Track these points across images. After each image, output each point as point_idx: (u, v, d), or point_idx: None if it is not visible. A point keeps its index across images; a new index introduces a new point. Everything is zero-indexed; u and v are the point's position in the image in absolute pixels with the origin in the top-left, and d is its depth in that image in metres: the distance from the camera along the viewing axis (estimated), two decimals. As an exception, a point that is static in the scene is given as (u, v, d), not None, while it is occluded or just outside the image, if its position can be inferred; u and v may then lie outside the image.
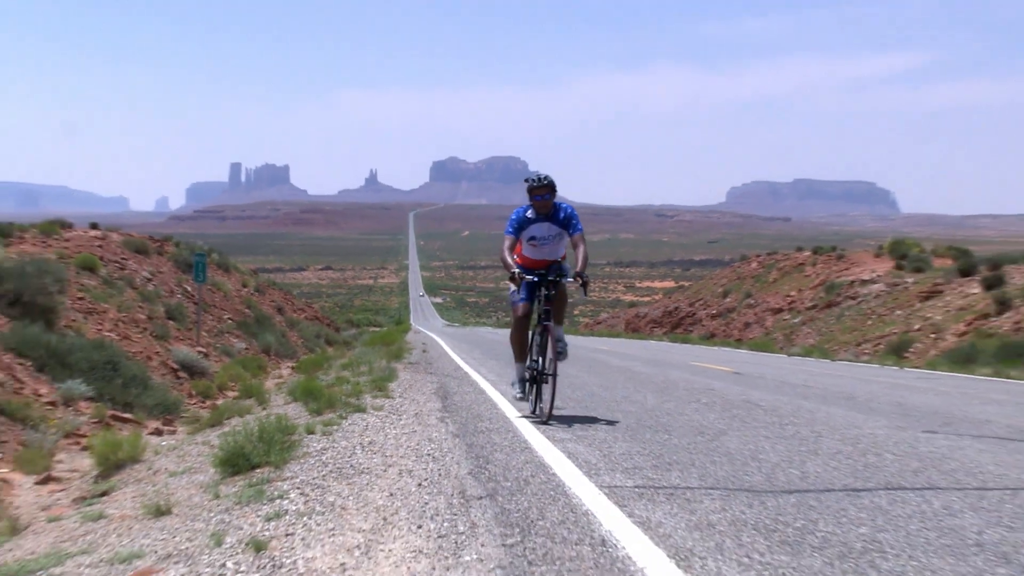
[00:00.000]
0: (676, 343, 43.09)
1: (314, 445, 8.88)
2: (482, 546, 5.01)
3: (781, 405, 12.12)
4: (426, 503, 6.12)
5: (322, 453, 8.39)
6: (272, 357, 32.78)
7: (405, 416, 10.91)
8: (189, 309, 30.17)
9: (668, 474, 7.01)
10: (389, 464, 7.65)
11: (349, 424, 10.32)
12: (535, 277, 9.78)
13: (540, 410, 9.90)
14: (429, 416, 10.81)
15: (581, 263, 9.71)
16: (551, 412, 9.68)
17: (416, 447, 8.49)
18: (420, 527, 5.50)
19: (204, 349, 26.61)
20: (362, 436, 9.29)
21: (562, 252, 10.20)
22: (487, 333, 57.16)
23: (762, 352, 32.17)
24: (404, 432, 9.51)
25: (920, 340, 31.32)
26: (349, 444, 8.82)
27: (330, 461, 7.94)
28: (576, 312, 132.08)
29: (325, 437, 9.42)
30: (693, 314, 62.72)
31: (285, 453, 8.35)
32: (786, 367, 22.04)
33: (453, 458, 7.82)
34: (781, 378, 17.58)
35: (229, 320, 34.65)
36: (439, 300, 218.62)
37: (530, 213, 9.85)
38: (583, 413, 10.71)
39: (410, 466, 7.52)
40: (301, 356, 34.17)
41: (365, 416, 11.00)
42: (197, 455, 10.33)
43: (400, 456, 8.04)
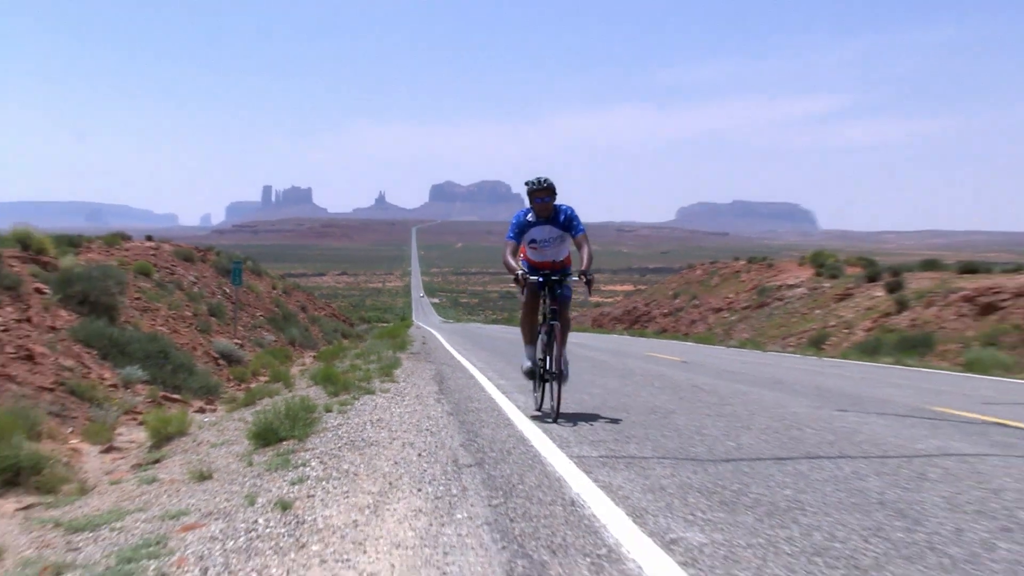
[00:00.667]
0: (634, 337, 43.06)
1: (331, 422, 8.87)
2: (471, 506, 5.01)
3: (720, 388, 12.14)
4: (425, 470, 6.11)
5: (338, 428, 8.37)
6: (296, 348, 32.68)
7: (408, 397, 10.88)
8: (227, 308, 30.06)
9: (627, 446, 7.01)
10: (394, 437, 7.64)
11: (361, 404, 10.30)
12: (539, 278, 8.42)
13: (551, 408, 8.50)
14: (428, 398, 10.78)
15: (586, 262, 8.22)
16: (559, 409, 8.33)
17: (417, 423, 8.48)
18: (420, 490, 5.49)
19: (240, 341, 26.52)
20: (371, 414, 9.27)
21: (565, 254, 8.87)
22: (477, 328, 57.14)
23: (705, 344, 32.20)
24: (407, 411, 9.49)
25: (835, 334, 31.44)
26: (360, 421, 8.80)
27: (345, 435, 7.92)
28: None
29: (341, 415, 9.41)
30: (648, 312, 62.68)
31: (307, 428, 8.34)
32: (725, 357, 22.08)
33: (447, 432, 7.81)
34: (720, 366, 17.62)
35: (261, 317, 34.52)
36: (436, 300, 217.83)
37: (531, 216, 8.49)
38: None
39: (411, 439, 7.50)
40: (321, 347, 34.03)
41: (374, 397, 10.98)
42: (234, 430, 10.30)
43: (403, 431, 8.02)
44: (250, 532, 4.79)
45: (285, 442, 7.95)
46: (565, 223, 8.48)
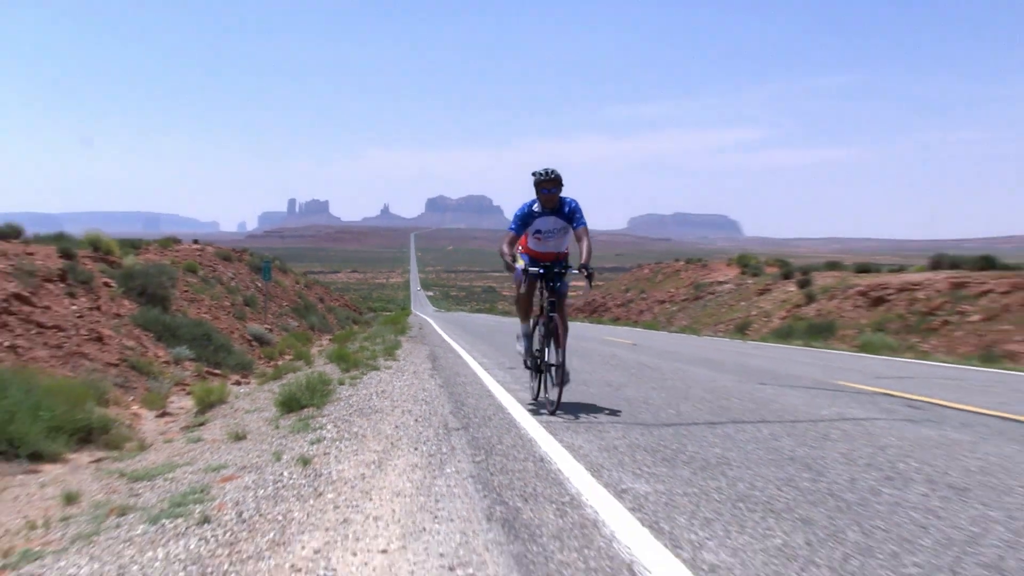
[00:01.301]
0: (593, 324, 43.13)
1: (344, 393, 8.85)
2: (459, 462, 5.01)
3: (663, 366, 12.19)
4: (420, 433, 6.10)
5: (349, 398, 8.35)
6: (315, 332, 32.54)
7: (406, 373, 10.87)
8: (259, 299, 29.92)
9: (586, 413, 7.03)
10: (395, 406, 7.63)
11: (368, 379, 10.28)
12: (540, 269, 7.19)
13: (548, 400, 7.09)
14: (423, 373, 10.77)
15: (586, 255, 7.04)
16: (559, 401, 6.83)
17: (414, 394, 8.47)
18: (416, 449, 5.48)
19: (269, 326, 26.40)
20: (377, 387, 9.25)
21: (566, 245, 7.59)
22: (463, 316, 57.16)
23: (651, 330, 32.29)
24: (406, 384, 9.48)
25: (756, 322, 31.60)
26: (368, 392, 8.78)
27: (354, 404, 7.90)
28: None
29: (351, 387, 9.39)
30: (605, 304, 62.70)
31: (324, 398, 8.32)
32: (667, 341, 22.16)
33: (439, 402, 7.80)
34: (664, 348, 17.68)
35: (286, 306, 34.39)
36: (431, 294, 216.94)
37: (536, 207, 7.21)
38: (528, 374, 10.70)
39: (410, 407, 7.49)
40: (336, 332, 33.90)
41: (379, 373, 10.96)
42: (264, 399, 10.25)
43: (403, 400, 8.01)
44: (277, 483, 4.78)
45: (306, 409, 7.93)
46: (569, 215, 7.25)
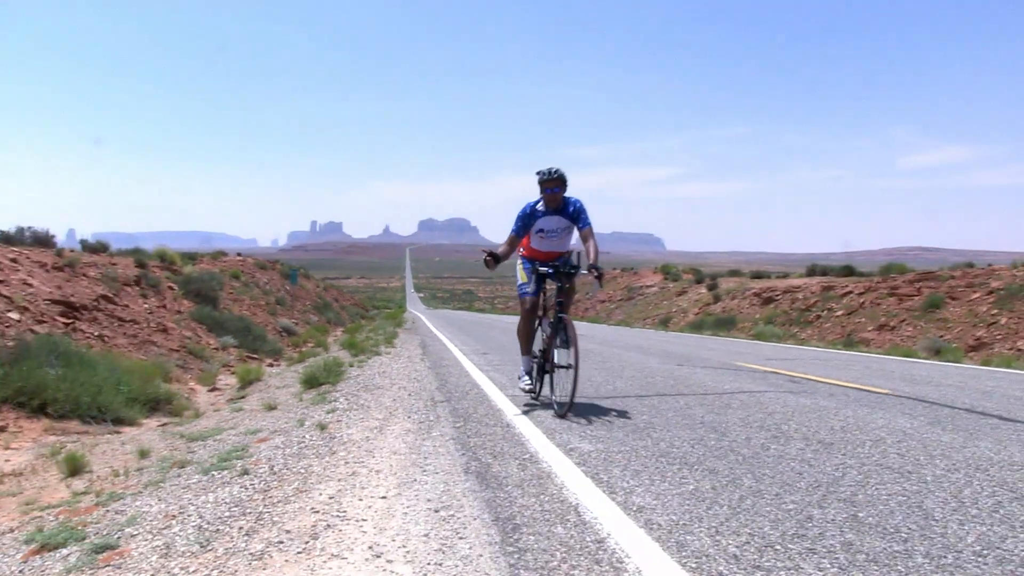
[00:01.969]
0: (549, 318, 43.08)
1: (353, 373, 8.77)
2: (443, 428, 4.98)
3: (604, 352, 12.24)
4: (413, 404, 6.07)
5: (357, 377, 8.28)
6: (332, 325, 32.21)
7: (402, 358, 10.80)
8: (288, 299, 29.64)
9: (544, 390, 7.03)
10: (393, 383, 7.58)
11: (372, 362, 10.20)
12: (549, 268, 5.60)
13: (556, 402, 5.44)
14: (415, 358, 10.72)
15: (594, 256, 5.46)
16: (572, 402, 5.16)
17: (408, 374, 8.42)
18: (409, 417, 5.45)
19: (295, 321, 26.13)
20: (379, 368, 9.19)
21: (569, 245, 5.86)
22: (448, 313, 57.00)
23: (595, 324, 32.45)
24: (402, 366, 9.42)
25: (676, 317, 31.90)
26: (372, 372, 8.71)
27: (361, 381, 7.84)
28: (496, 301, 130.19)
29: (359, 368, 9.31)
30: (558, 303, 62.78)
31: (337, 377, 8.25)
32: (607, 332, 22.29)
33: (428, 380, 7.76)
34: (603, 337, 17.77)
35: (308, 305, 34.06)
36: (422, 295, 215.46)
37: (540, 206, 5.61)
38: (498, 358, 10.67)
39: (404, 384, 7.45)
40: (347, 325, 33.64)
41: (381, 357, 10.89)
42: (291, 378, 10.13)
43: (399, 379, 7.96)
44: (300, 443, 4.72)
45: (324, 386, 7.85)
46: (573, 215, 5.64)
